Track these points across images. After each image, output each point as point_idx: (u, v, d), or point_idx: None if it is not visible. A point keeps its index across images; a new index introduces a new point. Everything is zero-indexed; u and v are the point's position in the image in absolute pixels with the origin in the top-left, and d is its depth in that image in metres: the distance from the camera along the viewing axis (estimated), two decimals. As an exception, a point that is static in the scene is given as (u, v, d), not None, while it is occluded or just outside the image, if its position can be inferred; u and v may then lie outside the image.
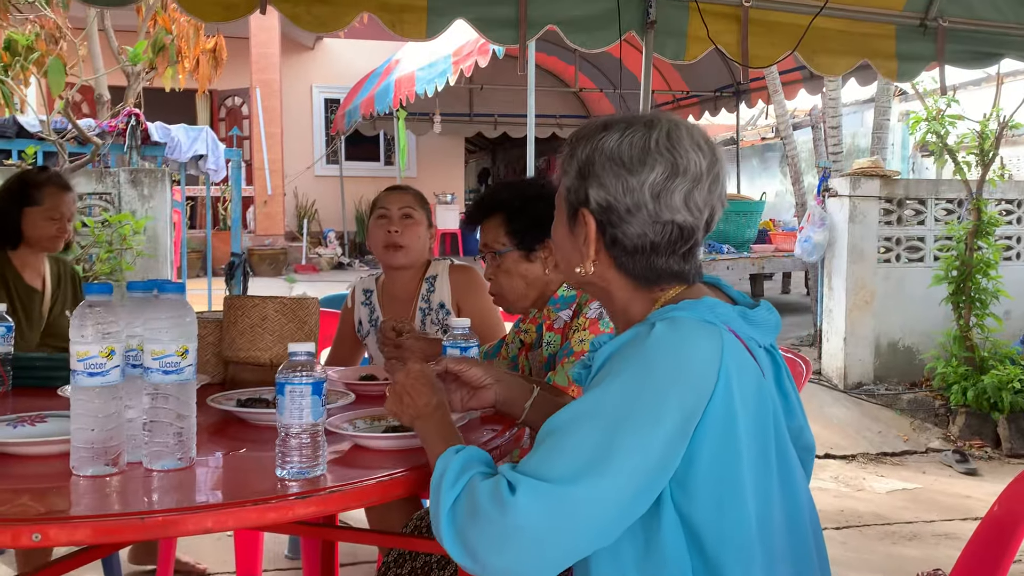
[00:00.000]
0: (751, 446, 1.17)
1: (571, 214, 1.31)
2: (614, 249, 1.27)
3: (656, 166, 1.23)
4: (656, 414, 1.11)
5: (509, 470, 1.15)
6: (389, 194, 2.73)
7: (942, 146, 5.35)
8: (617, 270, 1.29)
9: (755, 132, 13.74)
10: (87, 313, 1.32)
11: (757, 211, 8.20)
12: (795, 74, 7.52)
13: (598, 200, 1.26)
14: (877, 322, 5.75)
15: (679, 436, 1.12)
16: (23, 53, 5.18)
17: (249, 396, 1.79)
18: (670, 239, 1.25)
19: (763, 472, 1.19)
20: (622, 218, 1.25)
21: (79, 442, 1.32)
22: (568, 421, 1.15)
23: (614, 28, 3.38)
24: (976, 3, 3.71)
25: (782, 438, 1.23)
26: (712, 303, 1.22)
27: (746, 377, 1.17)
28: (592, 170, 1.26)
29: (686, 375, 1.13)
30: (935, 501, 4.18)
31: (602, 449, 1.11)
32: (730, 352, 1.16)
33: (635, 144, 1.24)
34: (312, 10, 3.06)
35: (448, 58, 8.31)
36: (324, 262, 12.83)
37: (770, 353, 1.28)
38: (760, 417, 1.18)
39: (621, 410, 1.12)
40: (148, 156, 6.84)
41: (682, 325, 1.17)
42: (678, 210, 1.24)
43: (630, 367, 1.15)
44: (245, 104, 13.89)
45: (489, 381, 1.56)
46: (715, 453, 1.14)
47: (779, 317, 1.31)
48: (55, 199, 2.94)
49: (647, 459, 1.11)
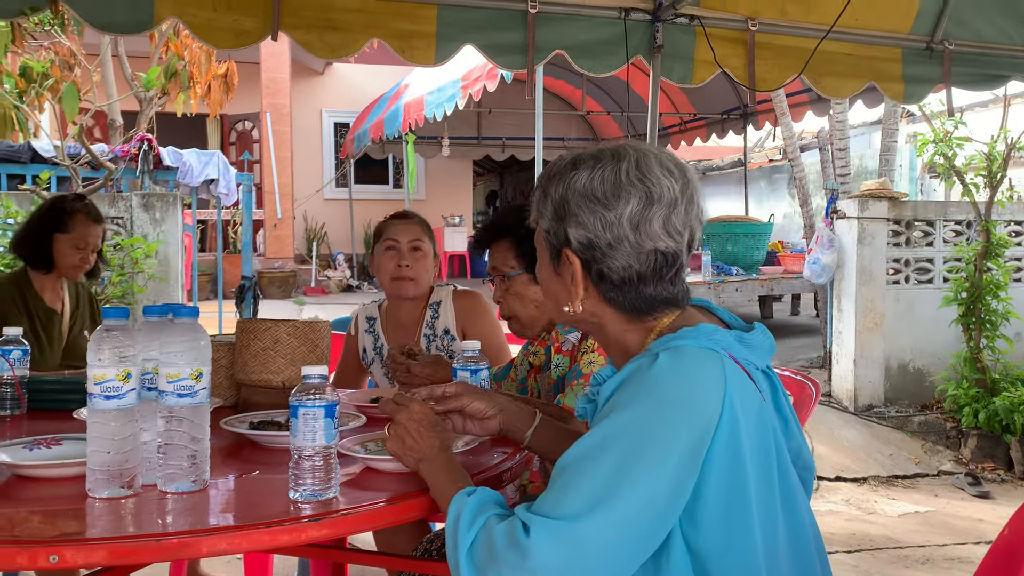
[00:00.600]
0: (756, 472, 1.17)
1: (554, 255, 1.31)
2: (602, 284, 1.28)
3: (631, 198, 1.24)
4: (665, 445, 1.11)
5: (523, 511, 1.15)
6: (397, 224, 2.71)
7: (950, 168, 5.35)
8: (607, 304, 1.30)
9: (763, 154, 13.76)
10: (104, 337, 1.34)
11: (765, 233, 8.21)
12: (802, 96, 7.55)
13: (579, 239, 1.26)
14: (887, 344, 5.74)
15: (689, 466, 1.12)
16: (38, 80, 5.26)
17: (262, 419, 1.81)
18: (655, 266, 1.26)
19: (767, 497, 1.19)
20: (605, 253, 1.25)
21: (95, 464, 1.34)
22: (578, 458, 1.15)
23: (621, 53, 3.42)
24: (982, 26, 3.73)
25: (784, 460, 1.24)
26: (710, 329, 1.23)
27: (748, 402, 1.18)
28: (568, 209, 1.27)
29: (693, 405, 1.13)
30: (948, 524, 4.15)
31: (612, 483, 1.11)
32: (732, 379, 1.17)
33: (607, 179, 1.25)
34: (324, 37, 3.11)
35: (457, 82, 8.38)
36: (333, 285, 12.88)
37: (767, 375, 1.29)
38: (762, 441, 1.19)
39: (630, 443, 1.12)
40: (160, 180, 6.91)
41: (686, 354, 1.18)
42: (659, 237, 1.25)
43: (636, 400, 1.16)
44: (255, 128, 14.01)
45: (492, 412, 1.57)
46: (723, 482, 1.15)
47: (774, 339, 1.32)
48: (84, 228, 2.99)
49: (658, 491, 1.11)
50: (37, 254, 2.98)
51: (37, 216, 3.03)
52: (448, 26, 3.21)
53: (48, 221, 2.98)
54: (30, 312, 2.97)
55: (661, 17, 3.41)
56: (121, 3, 2.90)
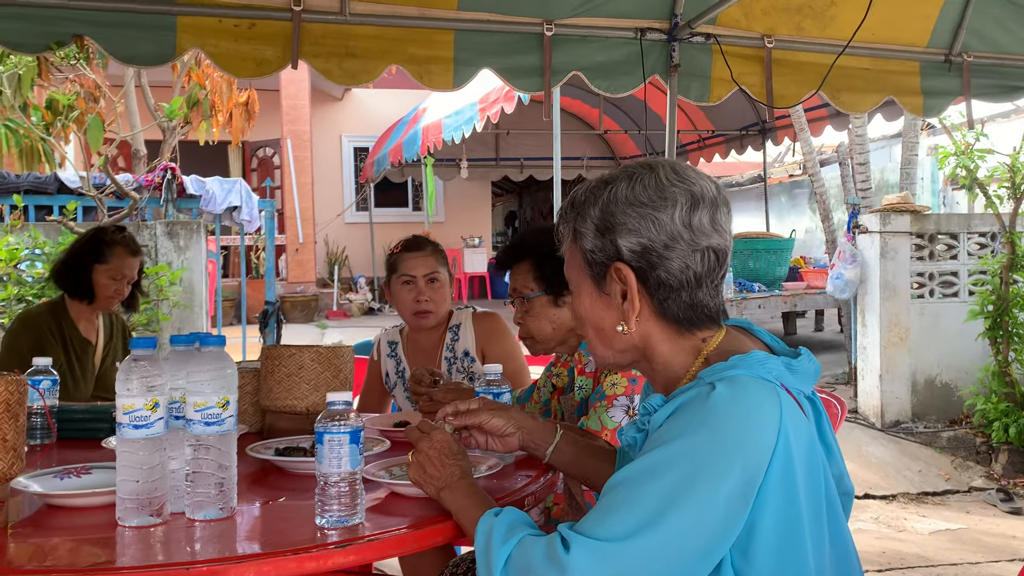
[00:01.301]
0: (808, 503, 1.16)
1: (599, 275, 1.28)
2: (659, 292, 1.25)
3: (678, 198, 1.24)
4: (718, 478, 1.09)
5: (566, 528, 1.14)
6: (411, 258, 2.69)
7: (972, 180, 5.31)
8: (659, 318, 1.27)
9: (782, 169, 13.72)
10: (132, 367, 1.36)
11: (787, 248, 8.17)
12: (821, 111, 7.53)
13: (631, 247, 1.24)
14: (913, 359, 5.67)
15: (740, 501, 1.10)
16: (64, 112, 5.36)
17: (287, 445, 1.82)
18: (710, 266, 1.25)
19: (817, 527, 1.18)
20: (662, 255, 1.23)
21: (124, 493, 1.35)
22: (626, 481, 1.14)
23: (638, 73, 3.43)
24: (1001, 38, 3.72)
25: (831, 489, 1.22)
26: (762, 358, 1.21)
27: (800, 434, 1.16)
28: (615, 220, 1.25)
29: (749, 439, 1.12)
30: (980, 542, 4.08)
31: (659, 510, 1.09)
32: (787, 411, 1.15)
33: (648, 185, 1.25)
34: (343, 64, 3.15)
35: (474, 105, 8.44)
36: (355, 308, 12.94)
37: (811, 401, 1.27)
38: (813, 472, 1.17)
39: (683, 472, 1.10)
40: (184, 208, 7.00)
41: (743, 386, 1.15)
42: (711, 233, 1.25)
43: (692, 429, 1.13)
44: (276, 155, 14.17)
45: (511, 430, 1.56)
46: (777, 516, 1.13)
47: (819, 365, 1.29)
48: (121, 260, 3.03)
49: (706, 523, 1.09)
50: (77, 285, 3.02)
51: (77, 247, 3.07)
52: (465, 51, 3.25)
53: (88, 252, 3.02)
54: (66, 342, 3.00)
55: (677, 36, 3.42)
56: (144, 36, 2.96)
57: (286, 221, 13.48)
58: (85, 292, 3.02)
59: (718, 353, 1.25)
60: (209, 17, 3.00)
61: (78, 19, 2.90)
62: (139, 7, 2.93)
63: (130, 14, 2.93)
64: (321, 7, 3.08)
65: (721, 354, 1.24)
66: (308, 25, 3.08)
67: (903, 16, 3.58)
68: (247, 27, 3.05)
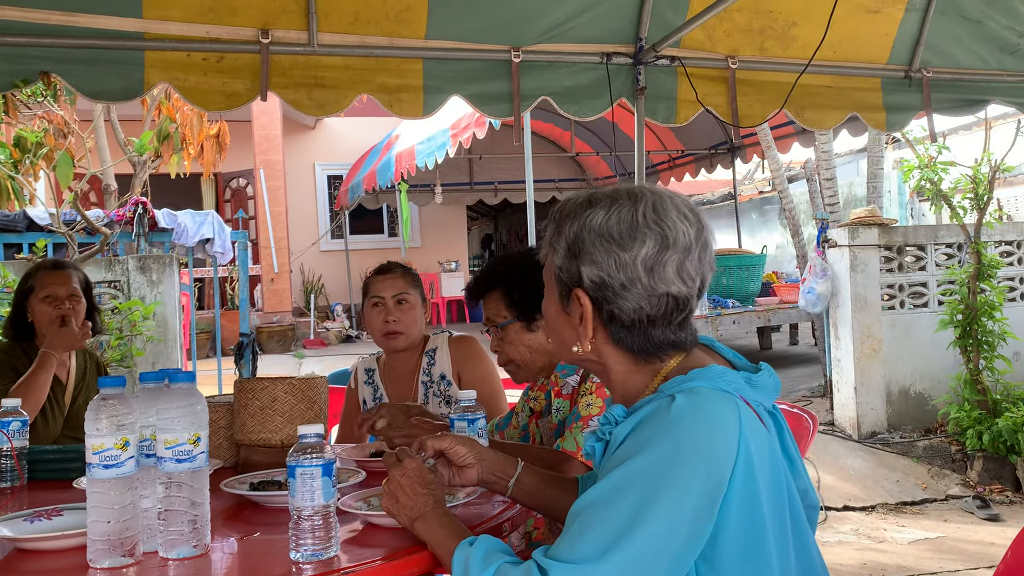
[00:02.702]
0: (771, 513, 1.17)
1: (564, 293, 1.31)
2: (611, 325, 1.27)
3: (647, 239, 1.24)
4: (683, 490, 1.11)
5: (541, 555, 1.15)
6: (381, 280, 2.73)
7: (936, 192, 5.41)
8: (614, 345, 1.29)
9: (752, 186, 13.87)
10: (101, 406, 1.35)
11: (759, 264, 8.25)
12: (788, 128, 7.64)
13: (591, 278, 1.26)
14: (887, 369, 5.74)
15: (706, 510, 1.12)
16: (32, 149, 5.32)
17: (262, 479, 1.81)
18: (666, 311, 1.26)
19: (781, 537, 1.19)
20: (617, 294, 1.25)
21: (95, 535, 1.34)
22: (595, 502, 1.15)
23: (605, 96, 3.48)
24: (958, 53, 3.81)
25: (794, 501, 1.24)
26: (721, 371, 1.22)
27: (761, 444, 1.18)
28: (583, 248, 1.26)
29: (711, 449, 1.13)
30: (959, 550, 4.11)
31: (629, 527, 1.10)
32: (747, 421, 1.17)
33: (623, 219, 1.25)
34: (312, 95, 3.17)
35: (446, 131, 8.48)
36: (332, 336, 12.87)
37: (773, 416, 1.29)
38: (775, 483, 1.19)
39: (648, 487, 1.12)
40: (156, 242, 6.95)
41: (702, 397, 1.17)
42: (672, 282, 1.24)
43: (654, 443, 1.15)
44: (250, 185, 14.13)
45: (471, 460, 1.55)
46: (741, 525, 1.14)
47: (779, 380, 1.32)
48: (45, 280, 2.93)
49: (675, 535, 1.11)
50: (17, 327, 2.96)
51: (13, 297, 3.03)
52: (434, 79, 3.28)
53: (19, 292, 2.97)
54: None
55: (642, 60, 3.47)
56: (112, 72, 2.96)
57: (261, 251, 13.42)
58: (26, 330, 2.94)
59: (678, 369, 1.27)
60: (177, 52, 3.00)
61: (44, 56, 2.89)
62: (106, 43, 2.92)
63: (97, 50, 2.92)
64: (289, 39, 3.10)
65: (681, 368, 1.26)
66: (276, 57, 3.09)
67: (863, 34, 3.66)
68: (215, 60, 3.06)
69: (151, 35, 2.96)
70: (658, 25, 3.43)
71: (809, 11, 3.49)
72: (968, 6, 3.67)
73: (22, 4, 2.82)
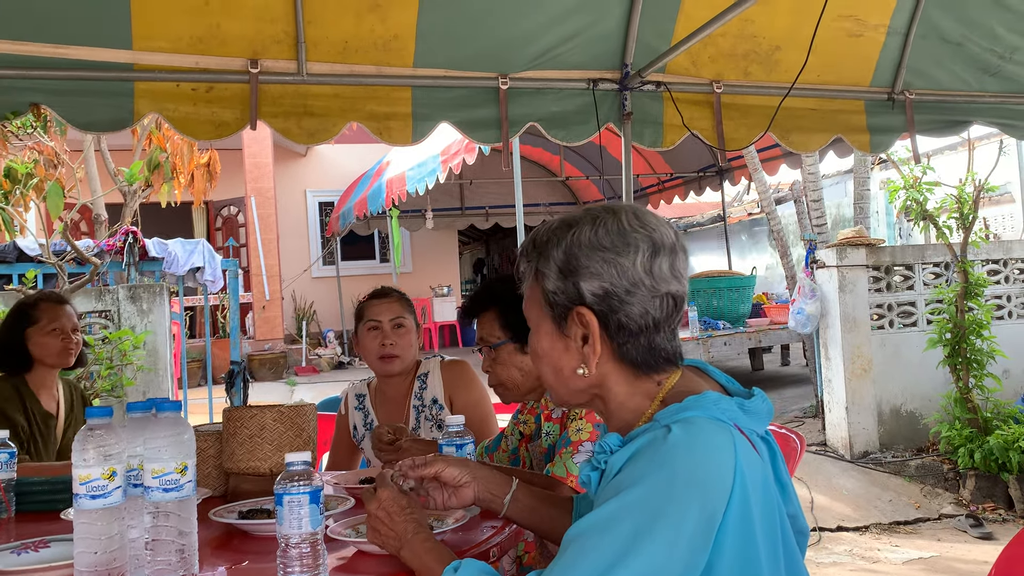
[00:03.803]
0: (765, 542, 1.17)
1: (560, 317, 1.29)
2: (619, 336, 1.26)
3: (640, 244, 1.26)
4: (678, 521, 1.11)
5: None
6: (377, 304, 2.75)
7: (922, 212, 5.46)
8: (618, 360, 1.28)
9: (741, 208, 13.95)
10: (88, 436, 1.35)
11: (749, 286, 8.28)
12: (775, 150, 7.71)
13: (593, 291, 1.25)
14: (877, 389, 5.75)
15: (701, 542, 1.12)
16: (23, 180, 5.32)
17: (251, 507, 1.81)
18: (668, 312, 1.27)
19: (775, 567, 1.19)
20: (623, 300, 1.25)
21: (82, 566, 1.34)
22: (588, 530, 1.14)
23: (592, 122, 3.51)
24: (940, 75, 3.86)
25: (786, 528, 1.24)
26: (715, 398, 1.22)
27: (755, 474, 1.18)
28: (578, 263, 1.26)
29: (707, 481, 1.13)
30: (953, 569, 4.11)
31: (622, 557, 1.10)
32: (742, 451, 1.17)
33: (611, 230, 1.27)
34: (302, 124, 3.18)
35: (436, 157, 8.53)
36: (324, 363, 12.84)
37: (765, 441, 1.29)
38: (768, 512, 1.19)
39: (643, 518, 1.11)
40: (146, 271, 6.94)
41: (698, 428, 1.17)
42: (670, 280, 1.27)
43: (651, 472, 1.14)
44: (241, 213, 14.14)
45: (466, 479, 1.56)
46: (735, 556, 1.14)
47: (772, 405, 1.32)
48: (52, 313, 2.97)
49: (670, 564, 1.10)
50: (15, 359, 2.95)
51: (4, 327, 3.02)
52: (423, 106, 3.30)
53: (15, 323, 2.97)
54: (28, 415, 2.94)
55: (628, 85, 3.51)
56: (102, 102, 2.97)
57: (252, 279, 13.40)
58: (23, 362, 2.95)
59: (674, 394, 1.27)
60: (167, 82, 3.02)
61: (34, 88, 2.91)
62: (96, 75, 2.94)
63: (87, 81, 2.94)
64: (278, 69, 3.12)
65: (676, 395, 1.26)
66: (266, 87, 3.12)
67: (846, 58, 3.71)
68: (205, 90, 3.07)
69: (141, 66, 2.98)
70: (643, 51, 3.47)
71: (792, 35, 3.54)
72: (948, 29, 3.72)
73: (12, 36, 2.84)
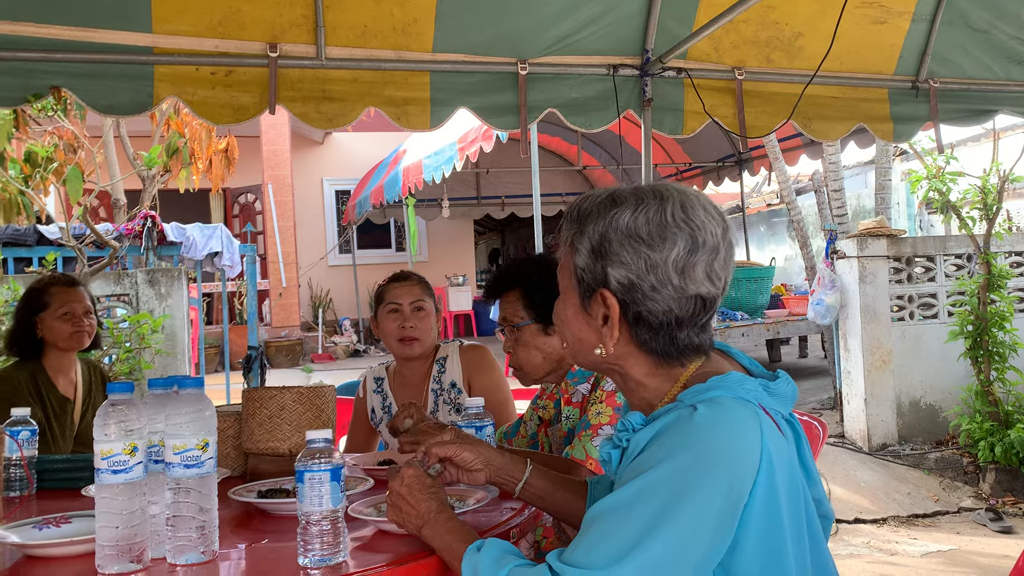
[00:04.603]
0: (791, 523, 1.16)
1: (585, 294, 1.26)
2: (637, 327, 1.24)
3: (677, 240, 1.20)
4: (704, 500, 1.09)
5: (555, 559, 1.13)
6: (398, 287, 2.76)
7: (945, 203, 5.40)
8: (638, 348, 1.26)
9: (760, 199, 13.87)
10: (110, 412, 1.35)
11: (768, 277, 8.23)
12: (795, 140, 7.64)
13: (619, 279, 1.22)
14: (897, 381, 5.71)
15: (727, 520, 1.11)
16: (43, 164, 5.36)
17: (270, 487, 1.81)
18: (693, 312, 1.23)
19: (800, 549, 1.18)
20: (647, 296, 1.21)
21: (104, 540, 1.34)
22: (613, 508, 1.13)
23: (612, 108, 3.48)
24: (965, 63, 3.81)
25: (811, 511, 1.22)
26: (740, 378, 1.20)
27: (781, 454, 1.16)
28: (610, 248, 1.22)
29: (733, 460, 1.11)
30: (973, 563, 4.07)
31: (647, 535, 1.09)
32: (767, 431, 1.15)
33: (652, 219, 1.21)
34: (320, 108, 3.18)
35: (453, 145, 8.51)
36: (340, 350, 12.88)
37: (790, 424, 1.27)
38: (794, 493, 1.18)
39: (669, 496, 1.10)
40: (164, 256, 6.98)
41: (724, 407, 1.15)
42: (702, 283, 1.21)
43: (677, 451, 1.13)
44: (258, 200, 14.18)
45: (478, 465, 1.56)
46: (761, 535, 1.13)
47: (796, 386, 1.29)
48: (62, 296, 2.95)
49: (694, 544, 1.09)
50: (27, 344, 2.95)
51: (17, 310, 3.01)
52: (441, 91, 3.29)
53: (26, 308, 2.96)
54: (43, 400, 2.93)
55: (649, 72, 3.48)
56: (122, 86, 2.98)
57: (269, 266, 13.46)
58: (35, 348, 2.94)
59: (698, 375, 1.25)
60: (186, 66, 3.03)
61: (55, 71, 2.91)
62: (116, 58, 2.95)
63: (107, 64, 2.95)
64: (297, 53, 3.12)
65: (700, 376, 1.24)
66: (285, 71, 3.11)
67: (869, 45, 3.66)
68: (224, 74, 3.08)
69: (160, 49, 2.99)
70: (664, 37, 3.44)
71: (815, 22, 3.50)
72: (975, 16, 3.67)
73: (34, 19, 2.85)
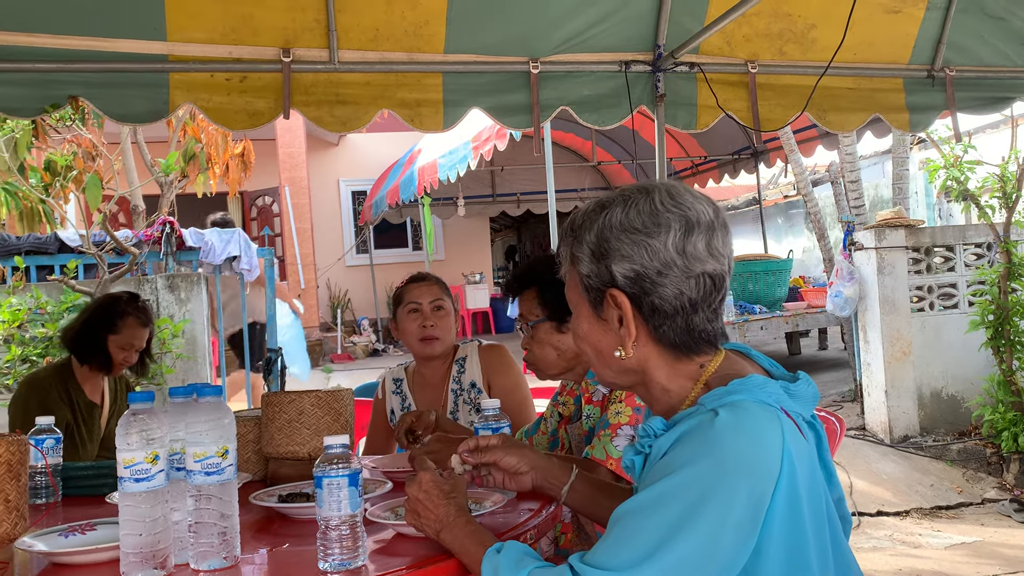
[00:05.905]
0: (813, 527, 1.16)
1: (596, 300, 1.28)
2: (654, 318, 1.25)
3: (672, 224, 1.23)
4: (726, 505, 1.10)
5: (577, 560, 1.14)
6: (417, 287, 2.79)
7: (963, 192, 5.34)
8: (656, 342, 1.26)
9: (777, 191, 13.79)
10: (131, 421, 1.37)
11: (786, 269, 8.18)
12: (811, 131, 7.59)
13: (624, 273, 1.24)
14: (917, 372, 5.66)
15: (749, 523, 1.11)
16: (62, 172, 5.41)
17: (290, 491, 1.83)
18: (705, 291, 1.24)
19: (822, 551, 1.18)
20: (655, 282, 1.23)
21: (128, 547, 1.36)
22: (635, 511, 1.14)
23: (625, 104, 3.48)
24: (981, 50, 3.77)
25: (832, 513, 1.22)
26: (761, 381, 1.20)
27: (802, 458, 1.16)
28: (609, 246, 1.25)
29: (755, 465, 1.12)
30: (997, 554, 4.04)
31: (669, 538, 1.09)
32: (789, 435, 1.15)
33: (643, 210, 1.24)
34: (334, 112, 3.20)
35: (468, 144, 8.52)
36: (359, 350, 12.94)
37: (811, 425, 1.26)
38: (815, 496, 1.18)
39: (691, 501, 1.10)
40: (183, 261, 7.03)
41: (745, 411, 1.15)
42: (706, 259, 1.23)
43: (698, 456, 1.13)
44: (275, 202, 14.26)
45: (524, 468, 1.58)
46: (783, 539, 1.13)
47: (817, 389, 1.29)
48: (131, 331, 3.07)
49: (716, 546, 1.09)
50: (91, 352, 3.04)
51: (90, 316, 3.09)
52: (454, 92, 3.30)
53: (101, 321, 3.05)
54: (72, 405, 3.01)
55: (661, 67, 3.47)
56: (138, 94, 3.01)
57: (287, 268, 13.54)
58: (100, 361, 3.04)
59: (717, 378, 1.25)
60: (201, 73, 3.05)
61: (72, 81, 2.95)
62: (132, 67, 2.98)
63: (123, 73, 2.98)
64: (310, 57, 3.14)
65: (720, 378, 1.24)
66: (298, 75, 3.14)
67: (883, 35, 3.63)
68: (238, 80, 3.10)
69: (175, 57, 3.02)
70: (676, 32, 3.43)
71: (828, 13, 3.47)
72: (991, 3, 3.63)
73: (51, 31, 2.88)
